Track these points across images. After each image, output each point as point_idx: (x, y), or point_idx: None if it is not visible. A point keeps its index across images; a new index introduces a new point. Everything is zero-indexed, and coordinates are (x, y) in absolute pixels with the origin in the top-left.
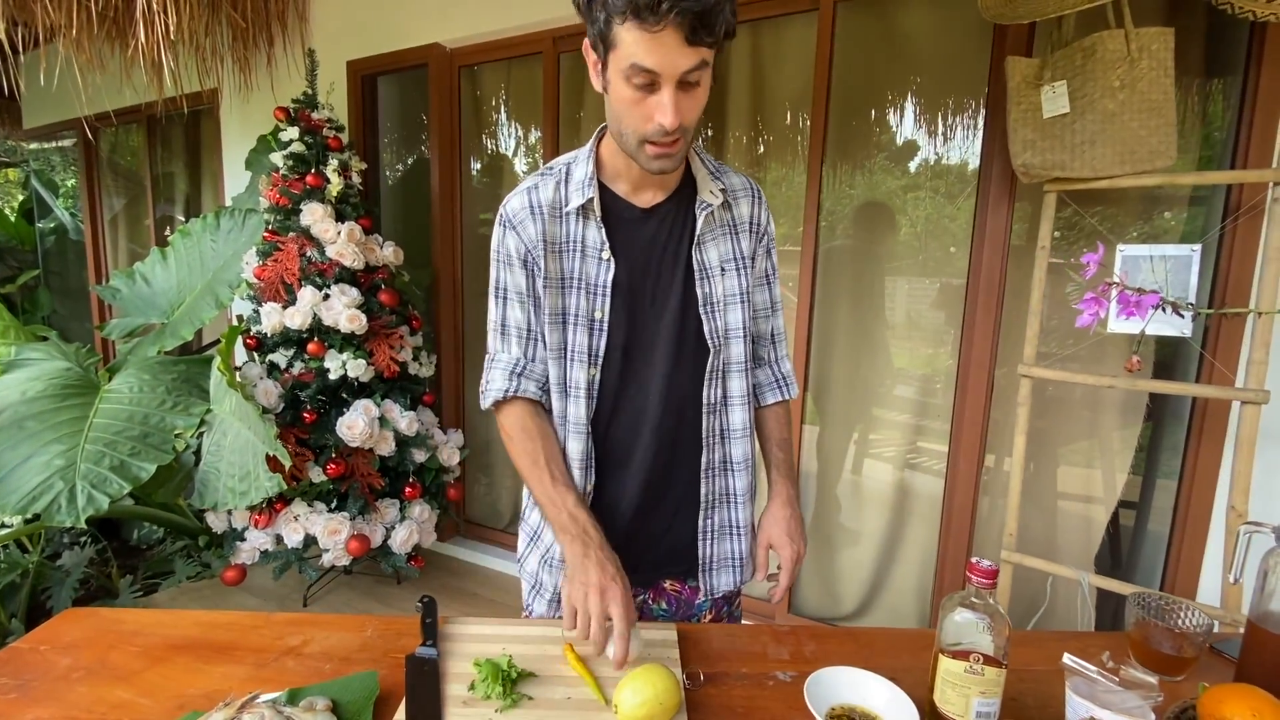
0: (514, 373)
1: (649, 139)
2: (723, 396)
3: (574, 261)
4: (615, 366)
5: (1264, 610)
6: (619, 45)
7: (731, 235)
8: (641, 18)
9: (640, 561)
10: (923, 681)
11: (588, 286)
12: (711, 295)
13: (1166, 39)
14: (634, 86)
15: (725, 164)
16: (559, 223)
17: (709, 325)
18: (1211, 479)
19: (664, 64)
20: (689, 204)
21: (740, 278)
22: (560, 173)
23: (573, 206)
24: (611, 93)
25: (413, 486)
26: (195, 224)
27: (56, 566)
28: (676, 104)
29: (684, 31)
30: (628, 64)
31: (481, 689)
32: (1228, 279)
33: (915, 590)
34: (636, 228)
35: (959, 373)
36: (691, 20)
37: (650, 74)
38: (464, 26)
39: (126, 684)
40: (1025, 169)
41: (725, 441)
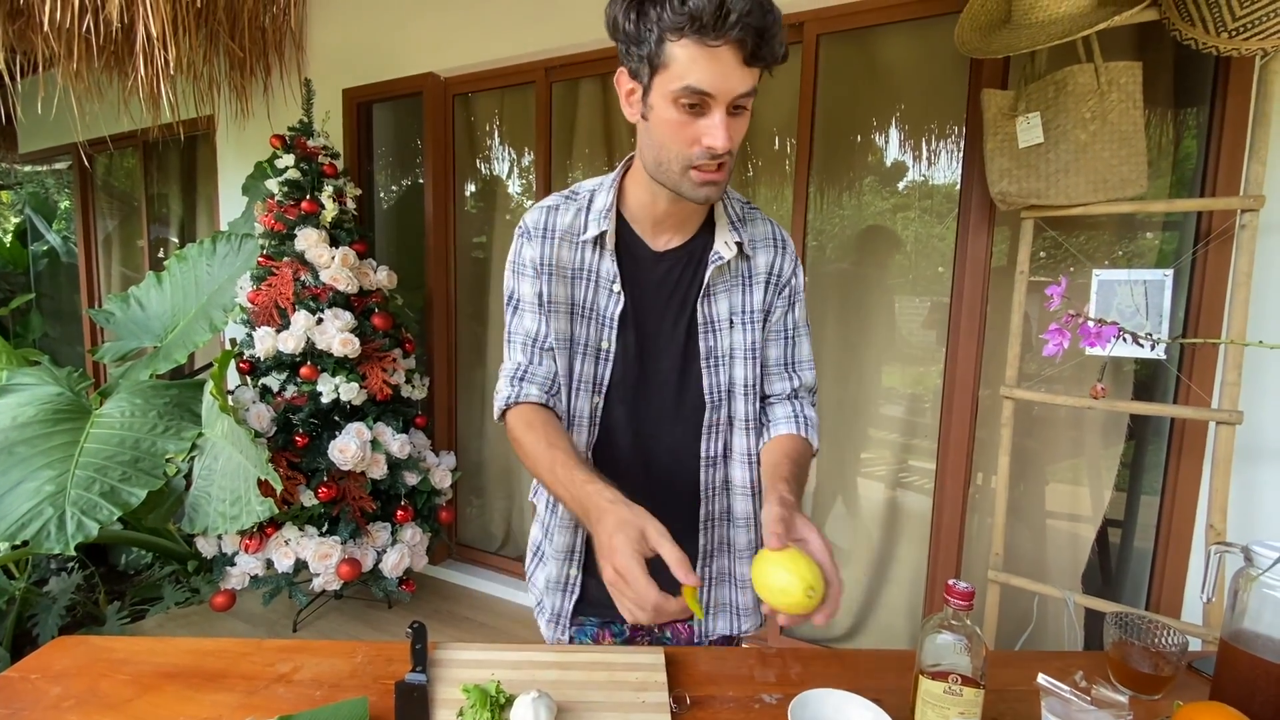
0: (516, 378)
1: (695, 164)
2: (722, 451)
3: (586, 290)
4: (618, 400)
5: (1235, 629)
6: (670, 65)
7: (746, 287)
8: (703, 33)
9: None
10: (906, 703)
11: (597, 316)
12: (716, 349)
13: (1134, 72)
14: (681, 109)
15: (759, 209)
16: (574, 249)
17: (709, 379)
18: (1192, 497)
19: (719, 85)
20: (704, 252)
21: (749, 332)
22: (584, 199)
23: (589, 235)
24: (654, 118)
25: (404, 509)
26: (191, 249)
27: (43, 593)
28: (728, 127)
29: (743, 51)
30: (679, 85)
31: (470, 715)
32: (1200, 303)
33: (906, 610)
34: (647, 268)
35: (944, 393)
36: (753, 38)
37: (703, 96)
38: (458, 56)
39: (117, 713)
40: (1002, 197)
41: (728, 494)
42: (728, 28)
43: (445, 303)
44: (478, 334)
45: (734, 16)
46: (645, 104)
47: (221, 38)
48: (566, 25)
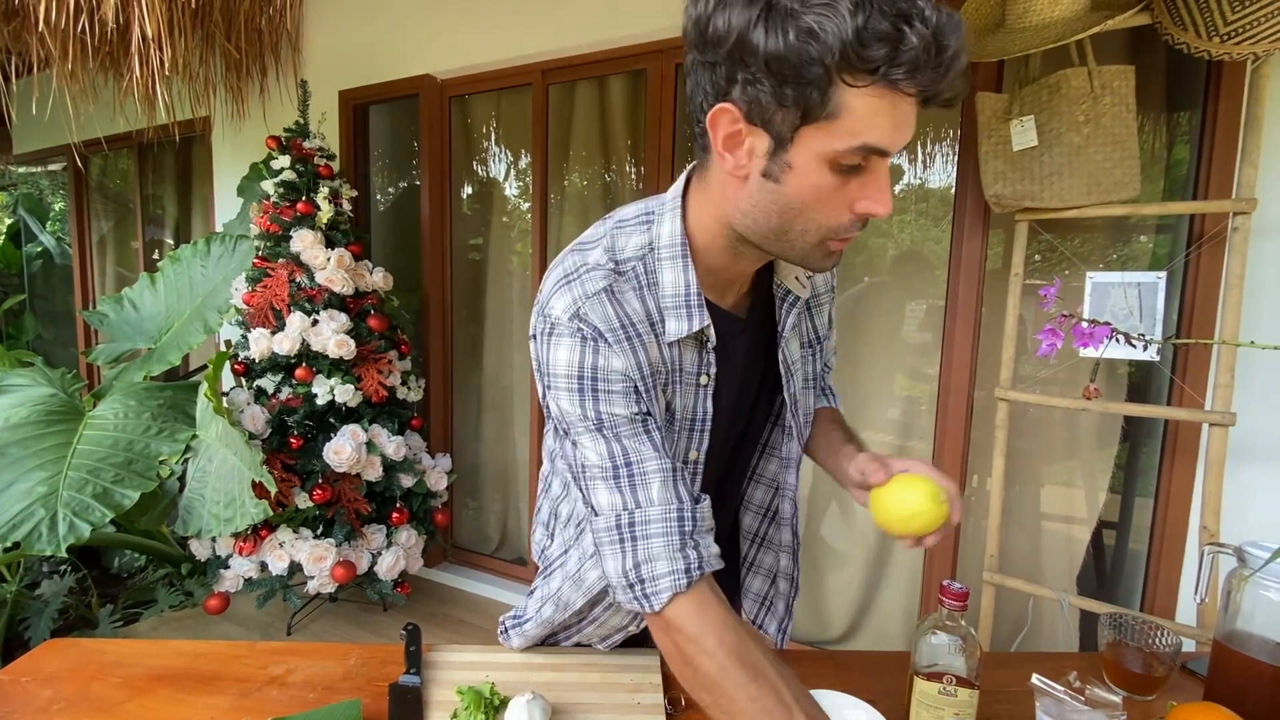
0: (685, 532)
1: (840, 235)
2: (776, 489)
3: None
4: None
5: (1229, 629)
6: (841, 115)
7: (807, 314)
8: (905, 78)
9: None
10: (901, 704)
11: (683, 423)
12: (795, 392)
13: (1127, 76)
14: (840, 170)
15: None
16: (658, 344)
17: (795, 422)
18: (1185, 499)
19: (900, 140)
20: (769, 295)
21: (815, 360)
22: (636, 274)
23: (675, 336)
24: (792, 180)
25: (400, 512)
26: (185, 250)
27: (35, 596)
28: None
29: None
30: (853, 145)
31: (464, 717)
32: (1193, 305)
33: (902, 612)
34: (735, 340)
35: (939, 395)
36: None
37: (876, 154)
38: (455, 58)
39: (108, 715)
40: (997, 199)
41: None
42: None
43: (441, 305)
44: (474, 336)
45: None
46: (776, 161)
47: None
48: (563, 27)
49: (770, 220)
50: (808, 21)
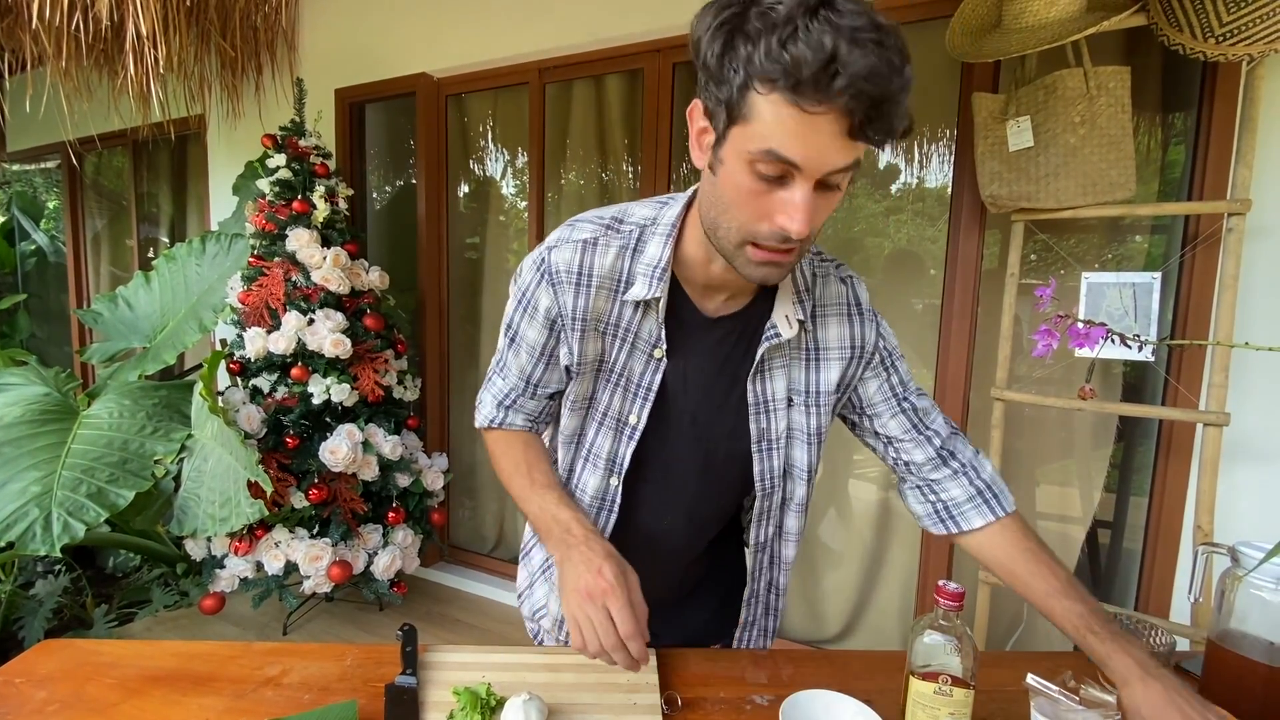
0: (502, 404)
1: (759, 241)
2: (775, 533)
3: (618, 351)
4: (641, 482)
5: (1223, 629)
6: (753, 119)
7: (811, 363)
8: (800, 92)
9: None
10: (897, 703)
11: (628, 384)
12: (770, 431)
13: (1123, 77)
14: (758, 175)
15: (834, 259)
16: (612, 300)
17: (761, 465)
18: (1180, 498)
19: (811, 157)
20: (760, 321)
21: (814, 415)
22: (629, 237)
23: (635, 297)
24: (722, 175)
25: (396, 512)
26: (180, 248)
27: (29, 596)
28: (810, 208)
29: (849, 121)
30: (759, 148)
31: (460, 717)
32: (1188, 305)
33: (898, 612)
34: (698, 334)
35: (935, 395)
36: (866, 108)
37: (787, 166)
38: (451, 57)
39: (103, 717)
40: (993, 199)
41: (774, 568)
42: (833, 93)
43: (438, 304)
44: (470, 335)
45: (842, 81)
46: (715, 155)
47: (213, 36)
48: (560, 26)
49: (709, 212)
50: (738, 32)
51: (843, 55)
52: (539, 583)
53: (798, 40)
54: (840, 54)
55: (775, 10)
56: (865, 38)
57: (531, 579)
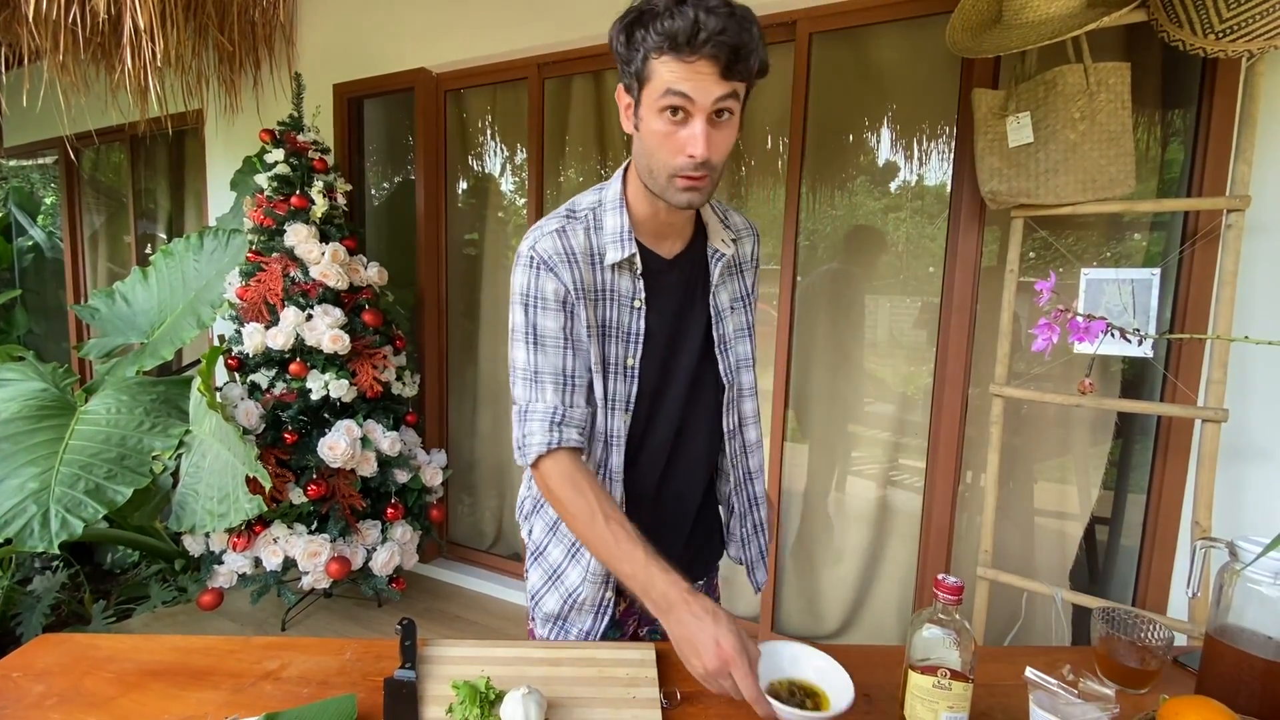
0: (554, 422)
1: (679, 172)
2: (738, 421)
3: (610, 310)
4: (643, 411)
5: (1221, 624)
6: (654, 78)
7: (737, 275)
8: (678, 51)
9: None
10: (895, 697)
11: (621, 334)
12: (725, 335)
13: (1123, 73)
14: (667, 119)
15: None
16: (595, 271)
17: (723, 363)
18: (1178, 494)
19: (698, 91)
20: (702, 252)
21: (746, 313)
22: (587, 219)
23: (611, 261)
24: (643, 129)
25: (394, 508)
26: (178, 243)
27: (27, 592)
28: (708, 136)
29: (719, 65)
30: (663, 90)
31: (459, 711)
32: (1187, 302)
33: (897, 607)
34: (663, 277)
35: (934, 391)
36: (727, 54)
37: (684, 99)
38: (450, 52)
39: (101, 711)
40: (992, 196)
41: (747, 455)
42: (700, 45)
43: (436, 299)
44: (469, 331)
45: (704, 35)
46: (637, 116)
47: (210, 31)
48: (559, 22)
49: (642, 162)
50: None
51: (702, 21)
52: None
53: (672, 18)
54: (701, 20)
55: (657, 4)
56: (719, 9)
57: (546, 579)
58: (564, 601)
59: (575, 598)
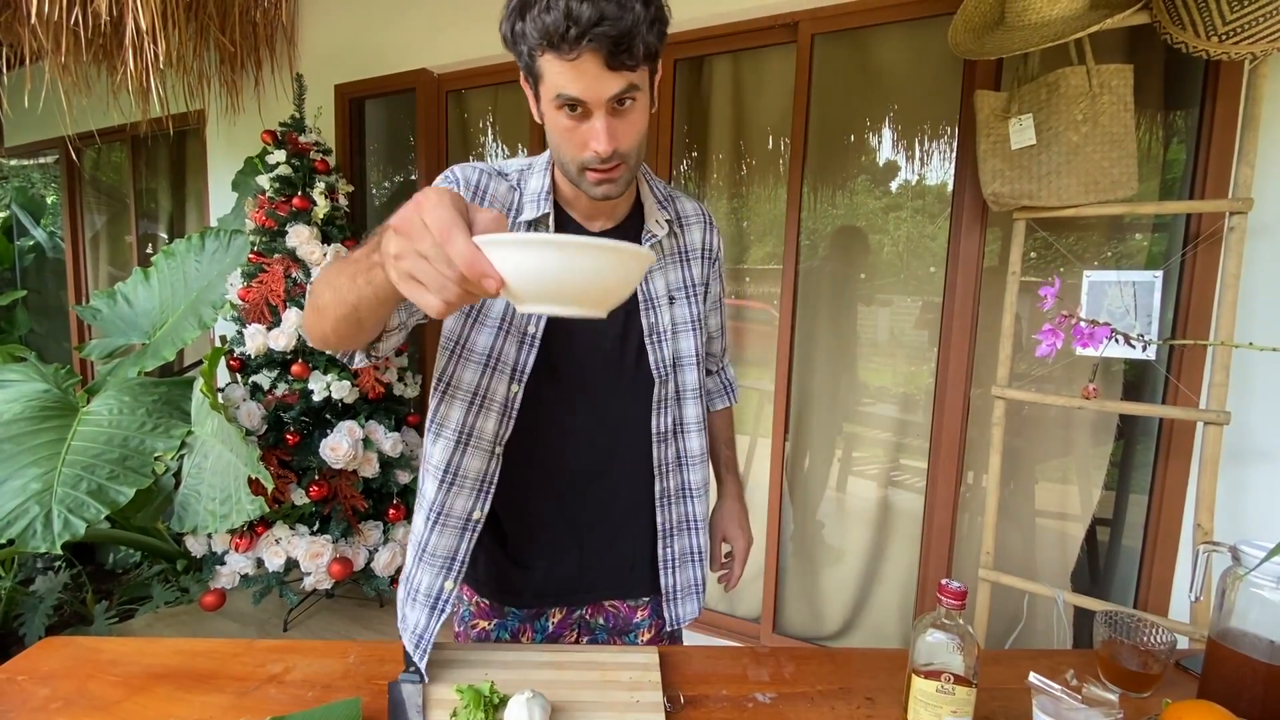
0: None
1: (587, 166)
2: (677, 424)
3: None
4: (542, 386)
5: (1223, 627)
6: (544, 77)
7: (681, 263)
8: (557, 48)
9: (578, 583)
10: (899, 701)
11: None
12: (658, 325)
13: (1126, 75)
14: (565, 115)
15: (678, 189)
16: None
17: (654, 355)
18: (1179, 497)
19: (588, 91)
20: (637, 232)
21: (692, 305)
22: (515, 178)
23: (525, 218)
24: (547, 122)
25: (396, 508)
26: (179, 244)
27: (30, 592)
28: (610, 129)
29: (602, 57)
30: (554, 95)
31: (464, 715)
32: (1189, 304)
33: (898, 609)
34: None
35: (936, 392)
36: (608, 46)
37: (578, 101)
38: (451, 53)
39: (106, 714)
40: (995, 198)
41: (683, 468)
42: (576, 40)
43: None
44: None
45: (576, 30)
46: (539, 109)
47: (212, 31)
48: None
49: (554, 153)
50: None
51: (575, 13)
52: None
53: (549, 10)
54: (574, 12)
55: None
56: None
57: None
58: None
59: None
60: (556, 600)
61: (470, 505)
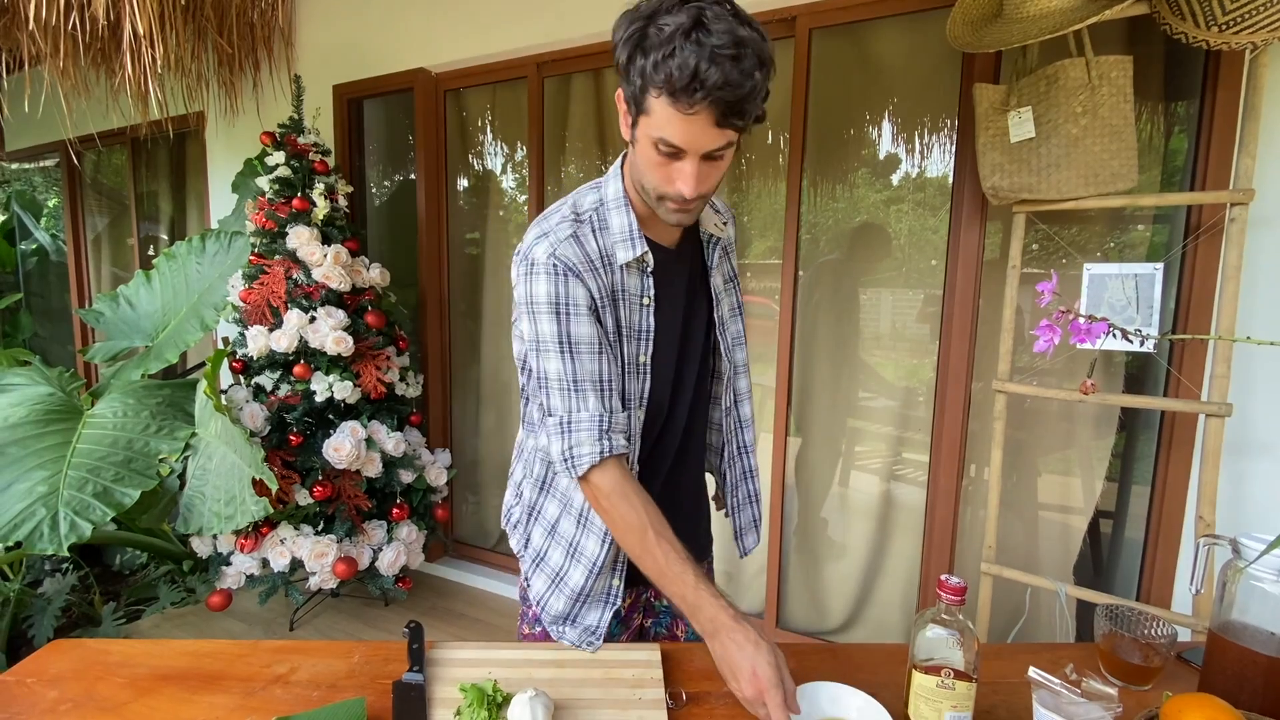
0: (603, 430)
1: (669, 198)
2: (735, 398)
3: (623, 309)
4: (655, 408)
5: (1224, 620)
6: (651, 114)
7: (726, 256)
8: (676, 98)
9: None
10: (900, 696)
11: (633, 332)
12: (723, 316)
13: (1125, 67)
14: (660, 151)
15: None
16: (609, 273)
17: (724, 343)
18: (1181, 490)
19: (692, 143)
20: (697, 237)
21: (736, 293)
22: (592, 219)
23: (621, 261)
24: (638, 150)
25: (400, 507)
26: (180, 247)
27: (38, 594)
28: (699, 176)
29: (715, 115)
30: (656, 135)
31: (467, 714)
32: (1190, 295)
33: (901, 603)
34: (670, 268)
35: (937, 387)
36: (723, 108)
37: (676, 149)
38: (449, 51)
39: (114, 716)
40: (994, 191)
41: (741, 430)
42: (699, 98)
43: (439, 300)
44: (472, 331)
45: (702, 92)
46: (634, 133)
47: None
48: (558, 20)
49: (637, 174)
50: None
51: (702, 73)
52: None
53: (673, 59)
54: (700, 72)
55: (663, 30)
56: (724, 55)
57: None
58: (572, 601)
59: (582, 593)
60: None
61: None
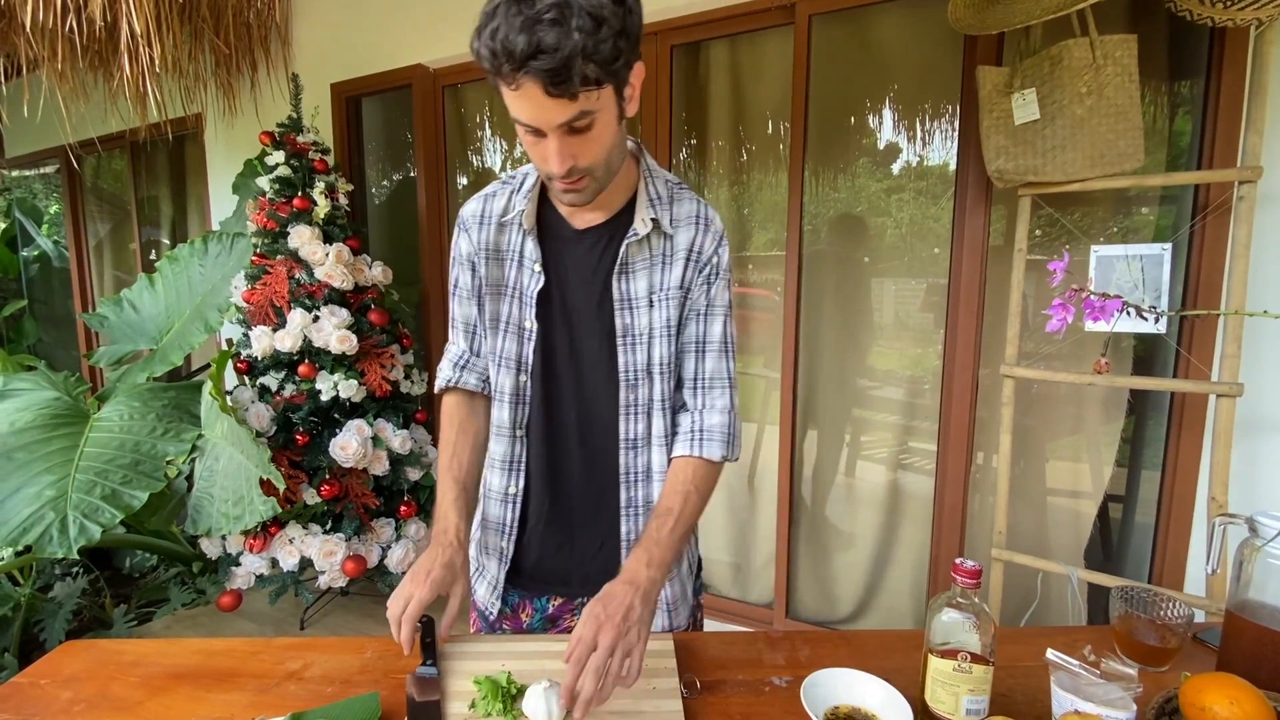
0: (458, 364)
1: (552, 177)
2: (644, 434)
3: (512, 270)
4: (542, 377)
5: (1241, 599)
6: (505, 99)
7: (665, 265)
8: (501, 77)
9: (572, 574)
10: (915, 681)
11: (520, 294)
12: (632, 328)
13: (1130, 46)
14: (527, 133)
15: (691, 190)
16: (505, 230)
17: (624, 358)
18: (1193, 471)
19: (536, 119)
20: (624, 229)
21: (666, 308)
22: (517, 181)
23: (510, 216)
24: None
25: (408, 505)
26: (182, 249)
27: (49, 598)
28: (563, 150)
29: (541, 85)
30: (513, 117)
31: (482, 707)
32: (1199, 275)
33: (911, 590)
34: (569, 246)
35: (944, 373)
36: (545, 78)
37: (529, 125)
38: (446, 47)
39: (128, 715)
40: (999, 174)
41: (649, 481)
42: (513, 71)
43: (441, 296)
44: None
45: (511, 64)
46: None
47: (206, 34)
48: None
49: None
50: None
51: (510, 45)
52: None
53: (492, 39)
54: (508, 45)
55: (491, 4)
56: (542, 20)
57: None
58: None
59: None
60: (551, 589)
61: (504, 481)
